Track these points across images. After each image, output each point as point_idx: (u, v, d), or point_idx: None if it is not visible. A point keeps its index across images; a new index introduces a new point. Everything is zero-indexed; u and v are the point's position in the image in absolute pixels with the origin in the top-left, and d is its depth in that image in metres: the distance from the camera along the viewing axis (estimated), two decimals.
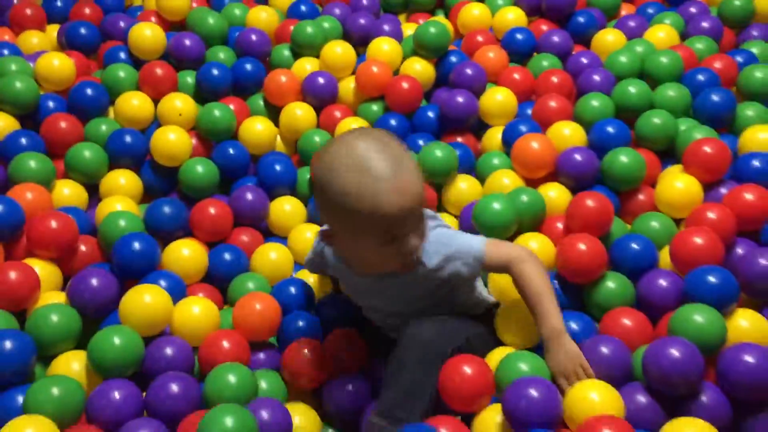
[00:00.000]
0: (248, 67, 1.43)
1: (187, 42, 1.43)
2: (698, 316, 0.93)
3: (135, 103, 1.34)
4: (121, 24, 1.51)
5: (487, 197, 1.16)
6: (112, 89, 1.37)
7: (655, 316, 1.02)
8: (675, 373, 0.87)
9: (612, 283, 1.07)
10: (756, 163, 1.16)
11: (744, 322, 0.96)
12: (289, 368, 1.01)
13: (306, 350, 1.00)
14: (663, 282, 1.03)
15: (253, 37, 1.47)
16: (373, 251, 0.88)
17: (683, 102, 1.32)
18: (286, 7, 1.61)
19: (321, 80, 1.41)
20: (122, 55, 1.44)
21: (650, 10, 1.56)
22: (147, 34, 1.42)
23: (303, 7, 1.58)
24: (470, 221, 1.17)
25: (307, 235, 1.23)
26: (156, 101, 1.37)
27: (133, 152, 1.29)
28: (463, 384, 0.89)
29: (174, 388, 0.93)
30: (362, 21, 1.53)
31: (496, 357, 0.95)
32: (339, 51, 1.45)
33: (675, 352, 0.88)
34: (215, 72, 1.40)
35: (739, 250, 1.08)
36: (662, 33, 1.46)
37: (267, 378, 1.01)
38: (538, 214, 1.18)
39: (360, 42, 1.52)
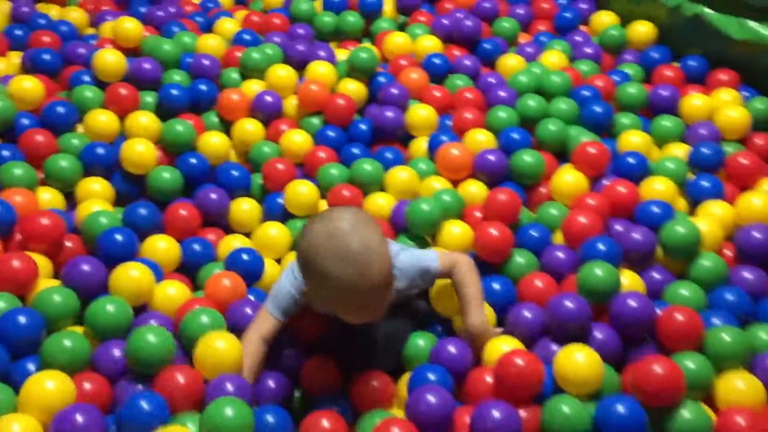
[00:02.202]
0: (203, 87, 1.60)
1: (147, 66, 1.60)
2: (598, 270, 1.18)
3: (102, 120, 1.48)
4: (81, 50, 1.65)
5: (416, 200, 1.36)
6: (80, 107, 1.51)
7: (557, 279, 1.26)
8: (569, 321, 1.12)
9: (521, 258, 1.30)
10: (630, 160, 1.44)
11: (624, 280, 1.21)
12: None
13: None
14: (560, 254, 1.28)
15: (206, 62, 1.64)
16: (346, 315, 1.06)
17: (572, 113, 1.57)
18: (229, 36, 1.79)
19: (268, 98, 1.60)
20: (86, 77, 1.58)
21: (543, 39, 1.83)
22: (109, 60, 1.57)
23: (246, 36, 1.78)
24: (401, 216, 1.38)
25: (270, 231, 1.38)
26: (121, 118, 1.52)
27: (105, 162, 1.43)
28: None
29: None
30: (300, 47, 1.73)
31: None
32: (282, 73, 1.64)
33: (569, 304, 1.13)
34: (174, 92, 1.57)
35: (618, 227, 1.33)
36: (554, 57, 1.73)
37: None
38: (459, 210, 1.41)
39: (299, 66, 1.71)
